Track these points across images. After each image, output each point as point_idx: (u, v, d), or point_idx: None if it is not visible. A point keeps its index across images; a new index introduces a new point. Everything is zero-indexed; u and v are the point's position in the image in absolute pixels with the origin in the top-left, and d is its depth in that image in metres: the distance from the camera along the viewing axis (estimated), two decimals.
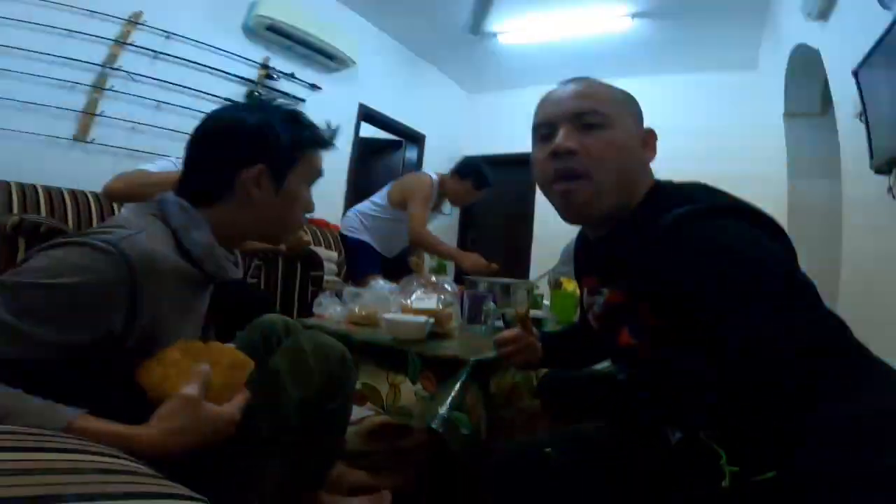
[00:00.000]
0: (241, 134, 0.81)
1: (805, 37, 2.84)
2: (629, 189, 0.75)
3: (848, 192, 2.43)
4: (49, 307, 0.60)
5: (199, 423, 0.63)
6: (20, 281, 0.61)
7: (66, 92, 2.60)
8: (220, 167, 0.80)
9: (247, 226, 0.84)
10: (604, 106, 0.75)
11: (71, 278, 0.61)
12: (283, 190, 0.83)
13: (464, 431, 1.05)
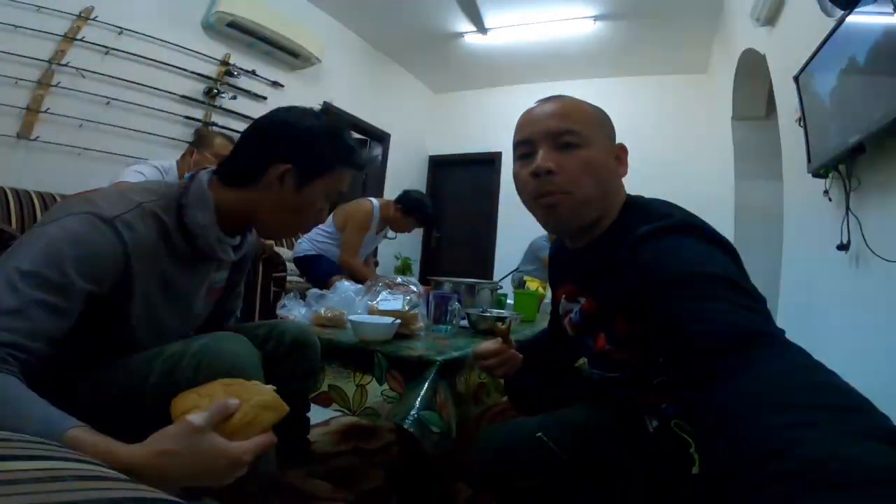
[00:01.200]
0: (284, 133, 0.88)
1: (753, 41, 2.93)
2: (605, 203, 0.81)
3: (788, 193, 2.57)
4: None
5: (196, 451, 0.60)
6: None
7: (8, 89, 2.48)
8: (256, 156, 0.88)
9: (257, 214, 0.90)
10: (580, 126, 0.79)
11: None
12: (302, 193, 0.89)
13: (435, 430, 1.06)
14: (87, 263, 0.70)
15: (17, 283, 0.64)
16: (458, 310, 1.56)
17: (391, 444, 1.79)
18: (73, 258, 0.69)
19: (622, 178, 0.85)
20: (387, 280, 1.54)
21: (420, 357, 1.18)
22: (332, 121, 0.95)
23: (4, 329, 0.62)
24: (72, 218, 0.72)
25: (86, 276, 0.70)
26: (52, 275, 0.67)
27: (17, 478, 0.31)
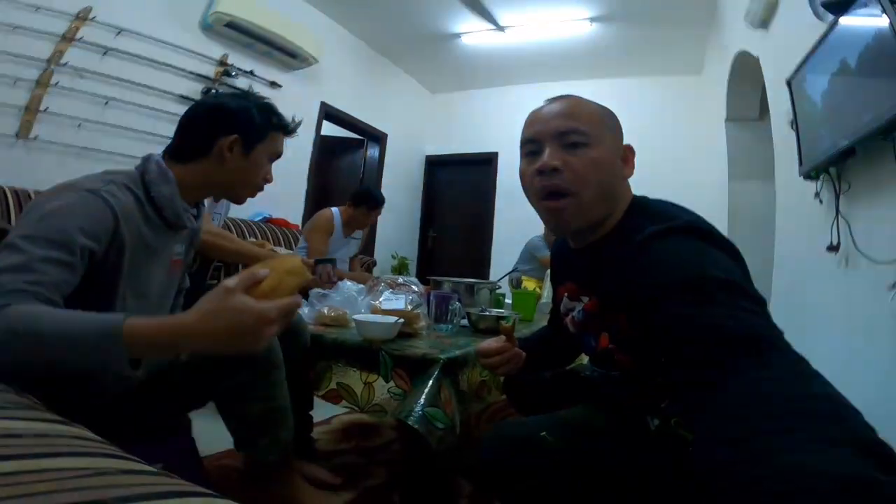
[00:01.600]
0: (224, 110, 1.04)
1: (747, 44, 2.95)
2: (610, 203, 0.82)
3: (780, 195, 2.61)
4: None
5: (228, 307, 0.69)
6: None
7: (7, 88, 2.47)
8: (203, 133, 1.02)
9: (217, 181, 1.05)
10: (586, 125, 0.80)
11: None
12: (249, 157, 1.06)
13: (439, 426, 1.09)
14: (86, 222, 0.81)
15: (20, 245, 0.74)
16: (458, 309, 1.59)
17: (393, 441, 1.81)
18: (72, 219, 0.80)
19: (628, 178, 0.86)
20: (389, 280, 1.56)
21: (424, 355, 1.21)
22: (258, 98, 1.11)
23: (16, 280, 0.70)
24: (62, 194, 0.83)
25: (86, 234, 0.81)
26: (54, 235, 0.77)
27: (63, 476, 0.33)
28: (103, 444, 0.41)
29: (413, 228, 6.27)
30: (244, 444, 1.16)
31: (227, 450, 1.49)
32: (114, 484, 0.33)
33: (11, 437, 0.36)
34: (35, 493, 0.28)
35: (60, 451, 0.36)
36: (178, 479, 0.38)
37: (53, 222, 0.78)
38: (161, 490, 0.34)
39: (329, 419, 1.94)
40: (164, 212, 0.98)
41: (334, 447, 1.73)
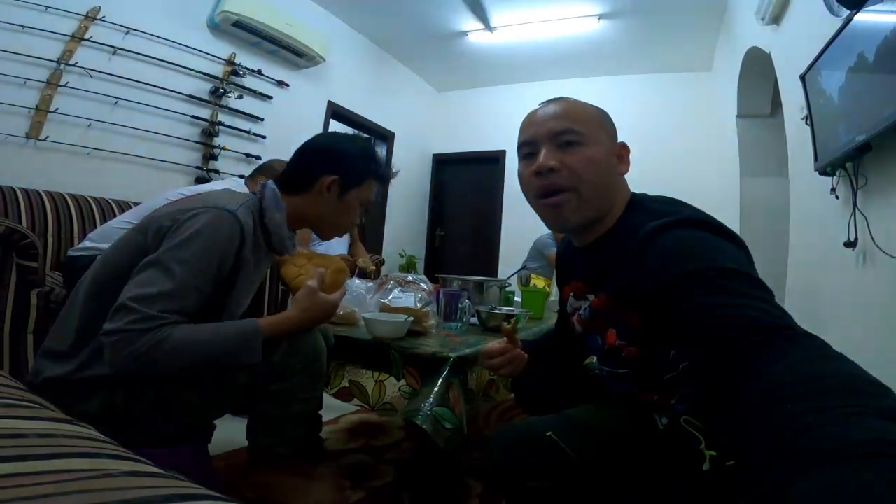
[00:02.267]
0: (331, 151, 1.16)
1: (758, 40, 2.93)
2: (607, 199, 0.84)
3: (794, 191, 2.57)
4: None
5: (316, 304, 1.07)
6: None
7: (17, 89, 2.48)
8: (310, 169, 1.14)
9: (311, 216, 1.16)
10: (580, 125, 0.82)
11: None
12: (344, 199, 1.16)
13: (448, 426, 1.08)
14: (223, 244, 0.97)
15: (174, 269, 0.90)
16: (468, 307, 1.58)
17: (401, 440, 1.80)
18: (214, 241, 0.95)
19: (624, 175, 0.87)
20: (398, 278, 1.55)
21: (434, 354, 1.20)
22: (364, 142, 1.21)
23: (170, 307, 0.89)
24: (204, 213, 0.97)
25: (221, 260, 0.97)
26: (199, 263, 0.93)
27: (66, 478, 0.32)
28: (109, 445, 0.40)
29: (421, 227, 6.26)
30: (263, 435, 1.18)
31: (232, 450, 1.49)
32: (117, 486, 0.32)
33: (16, 438, 0.35)
34: (35, 496, 0.27)
35: (64, 451, 0.35)
36: (183, 481, 0.37)
37: (200, 243, 0.94)
38: (165, 493, 0.33)
39: (337, 419, 1.94)
40: (272, 237, 1.11)
41: (343, 447, 1.72)
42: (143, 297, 0.88)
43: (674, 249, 0.66)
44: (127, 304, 0.87)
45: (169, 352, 0.87)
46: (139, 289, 0.89)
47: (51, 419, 0.43)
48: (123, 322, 0.86)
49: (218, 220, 0.97)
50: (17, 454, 0.32)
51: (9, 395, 0.49)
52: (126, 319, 0.86)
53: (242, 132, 3.68)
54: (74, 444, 0.38)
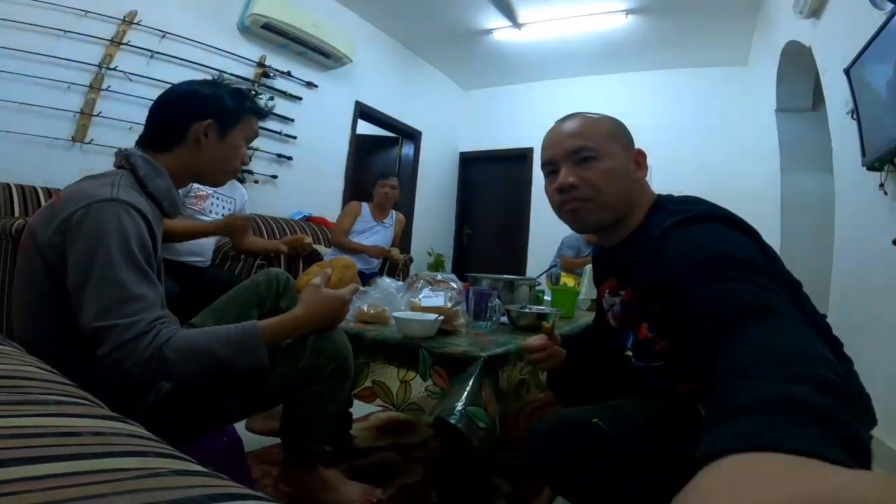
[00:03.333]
0: (196, 97, 1.06)
1: (797, 34, 2.87)
2: (625, 203, 0.90)
3: (840, 186, 2.48)
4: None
5: (321, 299, 1.06)
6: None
7: (62, 93, 2.59)
8: (177, 121, 1.04)
9: (194, 167, 1.08)
10: (593, 141, 0.89)
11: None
12: (225, 141, 1.09)
13: (481, 425, 1.07)
14: (137, 238, 0.88)
15: (107, 277, 0.83)
16: (498, 306, 1.56)
17: (430, 439, 1.81)
18: (131, 240, 0.87)
19: (643, 179, 0.93)
20: (428, 277, 1.55)
21: (464, 353, 1.19)
22: (228, 84, 1.14)
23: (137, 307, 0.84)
24: (103, 215, 0.86)
25: (141, 249, 0.89)
26: (131, 262, 0.86)
27: (119, 477, 0.33)
28: (157, 443, 0.41)
29: (448, 225, 6.27)
30: (296, 435, 1.21)
31: (264, 447, 1.52)
32: (166, 486, 0.32)
33: (70, 436, 0.36)
34: (91, 496, 0.27)
35: (116, 450, 0.36)
36: (226, 480, 0.38)
37: (114, 246, 0.85)
38: (210, 493, 0.34)
39: (367, 416, 1.95)
40: (163, 204, 1.03)
41: (372, 444, 1.73)
42: (105, 310, 0.82)
43: (684, 244, 0.71)
44: (98, 326, 0.81)
45: (172, 360, 0.84)
46: (94, 308, 0.82)
47: (102, 416, 0.44)
48: (110, 341, 0.81)
49: (110, 209, 0.87)
50: (72, 453, 0.33)
51: (60, 392, 0.50)
52: (111, 337, 0.81)
53: (274, 133, 3.75)
54: (125, 442, 0.39)
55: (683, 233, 0.73)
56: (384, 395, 1.40)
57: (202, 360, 0.89)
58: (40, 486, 0.28)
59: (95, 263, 0.83)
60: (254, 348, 0.94)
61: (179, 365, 0.85)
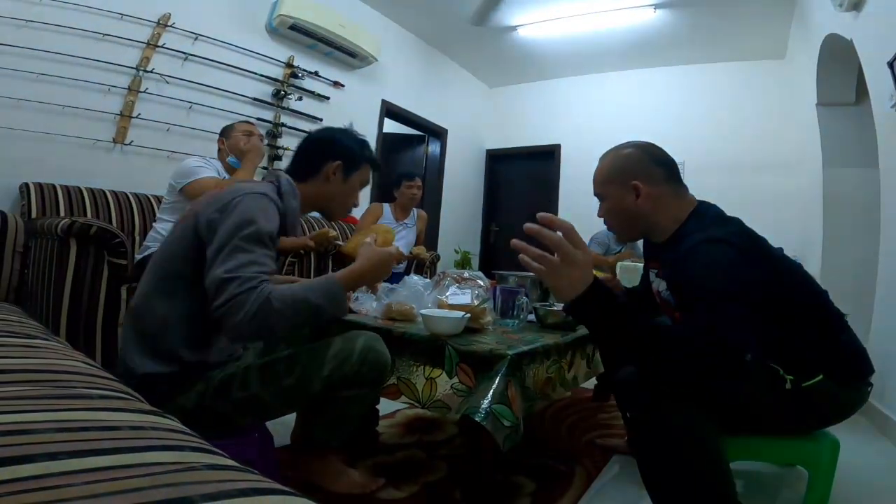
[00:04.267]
0: (332, 141, 1.34)
1: (837, 27, 2.78)
2: (636, 225, 1.24)
3: (886, 182, 2.37)
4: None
5: (375, 253, 1.22)
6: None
7: (102, 96, 2.68)
8: (315, 158, 1.32)
9: (320, 199, 1.33)
10: (597, 186, 1.27)
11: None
12: (347, 181, 1.34)
13: (507, 424, 1.07)
14: (272, 223, 1.12)
15: (245, 247, 1.03)
16: (525, 304, 1.55)
17: (455, 436, 1.81)
18: (266, 223, 1.09)
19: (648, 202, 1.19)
20: (455, 275, 1.56)
21: (491, 351, 1.19)
22: (357, 134, 1.39)
23: (259, 270, 1.02)
24: (247, 198, 1.10)
25: (271, 233, 1.10)
26: (263, 239, 1.07)
27: (156, 471, 0.34)
28: (192, 438, 0.42)
29: (475, 223, 6.26)
30: (320, 430, 1.26)
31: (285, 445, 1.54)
32: (200, 480, 0.34)
33: (111, 430, 0.38)
34: (130, 490, 0.28)
35: (154, 444, 0.38)
36: (256, 475, 0.39)
37: (256, 220, 1.07)
38: (243, 487, 0.35)
39: (393, 413, 1.97)
40: (287, 219, 1.22)
41: (398, 441, 1.75)
42: (235, 267, 1.00)
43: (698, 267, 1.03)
44: (224, 277, 0.99)
45: (277, 309, 0.99)
46: (226, 265, 1.00)
47: (141, 411, 0.46)
48: (228, 291, 0.98)
49: (260, 200, 1.12)
50: (112, 447, 0.35)
51: (102, 386, 0.53)
52: (230, 288, 0.98)
53: (303, 133, 3.81)
54: (162, 436, 0.40)
55: (697, 253, 1.03)
56: (410, 393, 1.41)
57: (299, 308, 1.03)
58: (83, 479, 0.29)
59: (237, 235, 1.03)
60: (336, 295, 1.10)
61: (282, 313, 0.99)
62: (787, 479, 1.58)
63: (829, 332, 1.15)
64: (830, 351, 1.13)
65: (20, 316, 1.11)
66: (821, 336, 1.13)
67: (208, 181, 2.12)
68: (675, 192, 1.20)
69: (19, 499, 0.26)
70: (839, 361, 1.12)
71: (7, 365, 0.57)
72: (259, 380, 1.11)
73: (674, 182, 1.21)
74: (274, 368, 1.13)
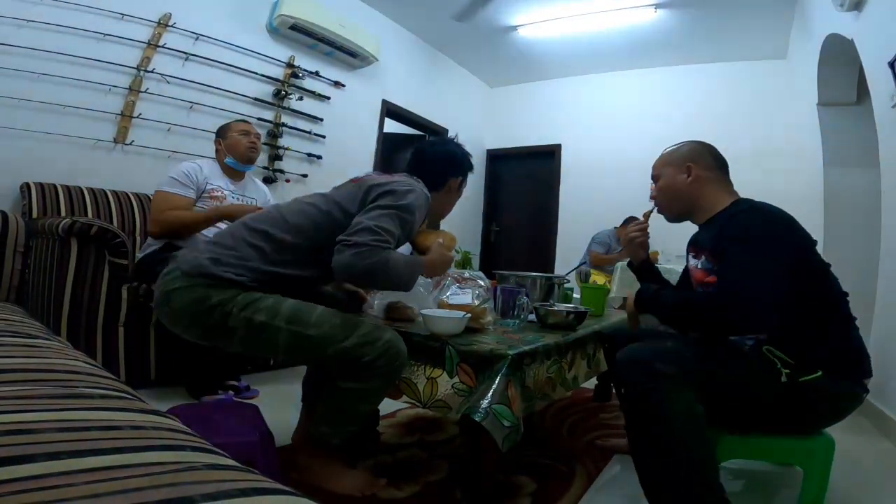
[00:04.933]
0: (455, 157, 1.57)
1: (838, 27, 2.78)
2: (684, 203, 1.39)
3: (886, 181, 2.37)
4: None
5: (443, 255, 1.41)
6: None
7: (103, 95, 2.68)
8: (440, 172, 1.53)
9: (437, 208, 1.55)
10: (656, 169, 1.46)
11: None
12: (459, 192, 1.60)
13: (507, 424, 1.07)
14: (419, 216, 1.37)
15: (393, 217, 1.27)
16: (526, 304, 1.55)
17: (455, 436, 1.81)
18: (418, 211, 1.35)
19: (699, 183, 1.36)
20: (456, 275, 1.56)
21: (491, 351, 1.19)
22: (462, 145, 1.63)
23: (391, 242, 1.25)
24: (414, 189, 1.36)
25: (413, 224, 1.36)
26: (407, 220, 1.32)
27: (157, 470, 0.34)
28: (192, 437, 0.42)
29: (476, 222, 6.26)
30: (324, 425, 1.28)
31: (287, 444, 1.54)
32: (200, 479, 0.34)
33: (111, 430, 0.38)
34: (130, 489, 0.28)
35: (155, 444, 0.38)
36: (257, 475, 0.39)
37: (413, 207, 1.32)
38: (243, 487, 0.35)
39: (394, 413, 1.97)
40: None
41: (398, 441, 1.75)
42: (382, 228, 1.22)
43: (739, 222, 1.19)
44: (373, 227, 1.20)
45: (385, 271, 1.19)
46: (377, 221, 1.22)
47: (141, 410, 0.46)
48: (369, 238, 1.18)
49: (424, 203, 1.40)
50: (113, 447, 0.35)
51: (103, 386, 0.53)
52: (369, 236, 1.19)
53: (304, 132, 3.81)
54: (163, 436, 0.40)
55: (743, 215, 1.21)
56: (411, 392, 1.41)
57: (396, 276, 1.23)
58: (84, 479, 0.29)
59: (397, 211, 1.28)
60: (417, 276, 1.30)
61: (387, 275, 1.20)
62: (786, 478, 1.58)
63: (841, 332, 1.17)
64: (838, 350, 1.15)
65: (21, 316, 1.11)
66: (832, 333, 1.16)
67: (179, 200, 2.11)
68: (723, 182, 1.37)
69: (20, 498, 0.27)
70: (843, 361, 1.14)
71: (8, 364, 0.57)
72: (288, 315, 1.20)
73: (723, 174, 1.38)
74: (306, 314, 1.21)
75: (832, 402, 1.15)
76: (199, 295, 1.20)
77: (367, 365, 1.19)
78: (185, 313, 1.22)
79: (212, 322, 1.20)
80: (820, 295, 1.18)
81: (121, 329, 1.99)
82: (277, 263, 1.27)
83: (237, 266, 1.24)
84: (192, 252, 1.31)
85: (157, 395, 1.91)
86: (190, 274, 1.22)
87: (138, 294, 2.02)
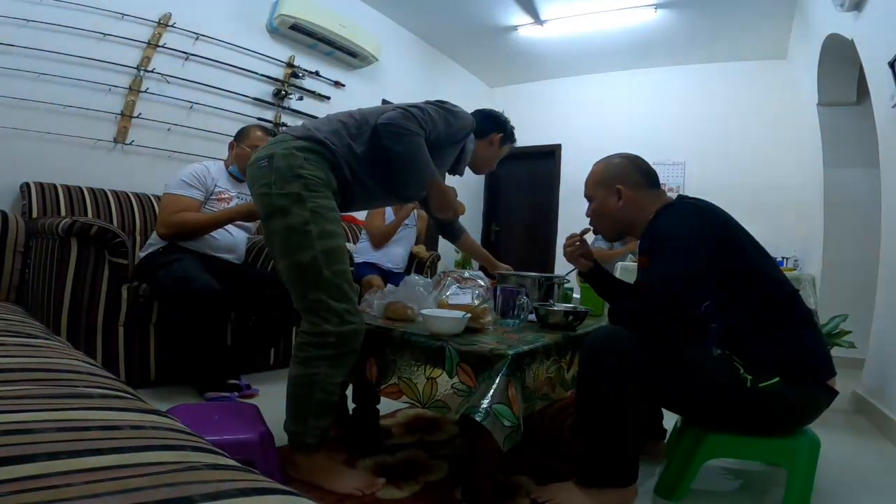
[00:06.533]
0: (500, 118, 1.83)
1: (838, 27, 2.79)
2: (618, 223, 1.47)
3: (886, 181, 2.38)
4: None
5: (452, 193, 1.56)
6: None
7: (103, 95, 2.68)
8: (487, 123, 1.76)
9: (478, 155, 1.79)
10: (588, 189, 1.50)
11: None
12: (500, 150, 1.83)
13: (507, 424, 1.07)
14: (455, 134, 1.64)
15: (438, 118, 1.55)
16: (526, 304, 1.55)
17: (455, 436, 1.81)
18: (455, 128, 1.63)
19: (630, 203, 1.41)
20: (456, 275, 1.56)
21: (491, 350, 1.19)
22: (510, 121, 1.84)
23: (424, 130, 1.46)
24: (459, 109, 1.64)
25: (452, 136, 1.64)
26: (450, 128, 1.59)
27: (157, 470, 0.34)
28: (192, 437, 0.42)
29: (476, 222, 6.25)
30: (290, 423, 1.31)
31: None
32: (201, 479, 0.34)
33: (111, 430, 0.38)
34: (130, 489, 0.28)
35: (155, 444, 0.38)
36: (257, 475, 0.39)
37: (457, 115, 1.62)
38: (244, 486, 0.35)
39: (394, 412, 1.97)
40: (464, 154, 1.74)
41: (398, 440, 1.75)
42: (424, 117, 1.44)
43: (663, 225, 1.30)
44: (415, 111, 1.43)
45: (417, 147, 1.40)
46: (423, 111, 1.45)
47: (141, 410, 0.46)
48: (413, 115, 1.41)
49: (468, 118, 1.67)
50: (113, 446, 0.35)
51: (103, 385, 0.53)
52: (418, 115, 1.42)
53: None
54: (163, 435, 0.40)
55: (666, 216, 1.31)
56: (410, 392, 1.41)
57: (417, 163, 1.42)
58: (83, 479, 0.29)
59: (442, 113, 1.56)
60: (428, 172, 1.45)
61: (414, 152, 1.40)
62: (777, 476, 1.58)
63: (796, 336, 1.19)
64: (794, 356, 1.17)
65: (21, 315, 1.11)
66: (785, 338, 1.18)
67: (188, 202, 2.12)
68: (653, 195, 1.41)
69: (19, 498, 0.27)
70: (799, 368, 1.15)
71: (8, 364, 0.57)
72: (329, 248, 1.28)
73: (653, 188, 1.43)
74: (338, 260, 1.30)
75: (792, 409, 1.17)
76: (296, 161, 1.34)
77: (321, 334, 1.25)
78: (278, 175, 1.32)
79: (289, 191, 1.30)
80: (763, 294, 1.21)
81: (121, 329, 1.99)
82: (355, 137, 1.47)
83: (329, 133, 1.43)
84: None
85: (157, 395, 1.91)
86: (298, 136, 1.40)
87: (138, 294, 2.02)
